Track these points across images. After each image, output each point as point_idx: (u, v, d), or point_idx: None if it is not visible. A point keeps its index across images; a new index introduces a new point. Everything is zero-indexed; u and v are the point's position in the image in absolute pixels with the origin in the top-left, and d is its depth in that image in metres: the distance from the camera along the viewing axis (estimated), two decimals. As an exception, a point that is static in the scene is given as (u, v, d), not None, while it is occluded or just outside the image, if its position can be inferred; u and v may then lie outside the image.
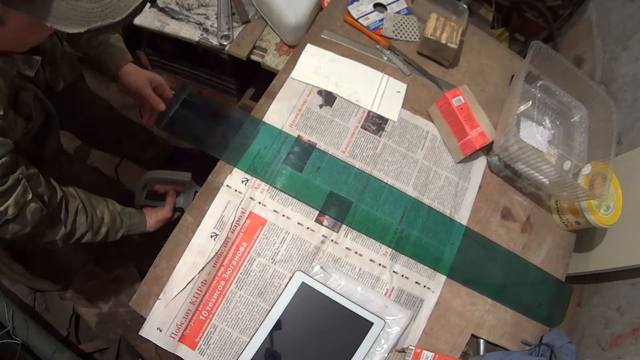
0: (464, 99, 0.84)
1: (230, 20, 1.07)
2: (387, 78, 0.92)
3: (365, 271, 0.77)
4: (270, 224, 0.77)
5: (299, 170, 0.81)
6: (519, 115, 0.92)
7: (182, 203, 0.89)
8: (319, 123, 0.86)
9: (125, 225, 0.79)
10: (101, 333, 1.26)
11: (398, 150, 0.86)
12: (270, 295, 0.74)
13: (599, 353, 0.80)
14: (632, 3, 1.14)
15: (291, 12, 0.98)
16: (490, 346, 0.79)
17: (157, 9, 1.09)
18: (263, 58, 1.05)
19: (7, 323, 1.04)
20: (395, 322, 0.73)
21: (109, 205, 0.77)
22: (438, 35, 0.90)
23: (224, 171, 0.80)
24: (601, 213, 0.81)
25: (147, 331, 0.70)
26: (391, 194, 0.82)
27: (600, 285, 0.91)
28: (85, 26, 0.42)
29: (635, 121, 0.97)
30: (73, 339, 1.29)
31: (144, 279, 0.73)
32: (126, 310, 1.25)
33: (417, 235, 0.80)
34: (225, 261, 0.74)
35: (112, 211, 0.77)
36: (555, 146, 0.92)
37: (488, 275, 0.82)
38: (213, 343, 0.71)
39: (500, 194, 0.88)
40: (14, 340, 1.03)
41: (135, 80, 0.80)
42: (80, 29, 0.42)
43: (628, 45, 1.10)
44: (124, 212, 0.80)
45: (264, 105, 0.86)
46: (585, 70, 1.26)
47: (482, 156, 0.90)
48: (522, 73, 0.84)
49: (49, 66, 0.70)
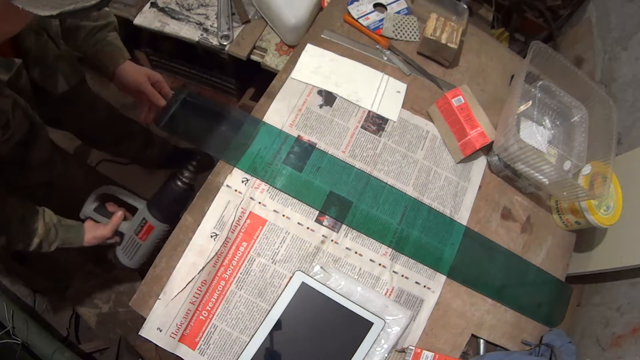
0: (464, 99, 0.84)
1: (230, 20, 1.07)
2: (387, 78, 0.92)
3: (365, 271, 0.77)
4: (270, 224, 0.77)
5: (299, 170, 0.81)
6: (519, 115, 0.92)
7: (125, 229, 0.84)
8: (319, 123, 0.86)
9: (60, 238, 0.76)
10: (101, 333, 1.26)
11: (398, 150, 0.86)
12: (270, 295, 0.74)
13: (599, 353, 0.80)
14: (632, 3, 1.14)
15: (291, 12, 0.98)
16: (490, 346, 0.79)
17: (157, 9, 1.09)
18: (263, 58, 1.05)
19: (7, 323, 1.04)
20: (395, 322, 0.73)
21: (45, 216, 0.74)
22: (438, 35, 0.90)
23: (224, 171, 0.80)
24: (601, 213, 0.81)
25: (147, 331, 0.70)
26: (391, 194, 0.82)
27: (600, 285, 0.91)
28: (57, 9, 0.40)
29: (635, 121, 0.97)
30: (73, 339, 1.29)
31: (144, 279, 0.73)
32: (126, 310, 1.25)
33: (417, 235, 0.80)
34: (225, 261, 0.74)
35: (47, 223, 0.74)
36: (555, 146, 0.92)
37: (488, 275, 0.82)
38: (213, 343, 0.71)
39: (500, 194, 0.88)
40: (14, 340, 1.03)
41: (133, 77, 0.80)
42: (53, 12, 0.40)
43: (628, 45, 1.10)
44: (60, 224, 0.77)
45: (264, 105, 0.86)
46: (585, 70, 1.26)
47: (482, 156, 0.90)
48: (522, 73, 0.84)
49: (39, 68, 0.68)
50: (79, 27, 0.76)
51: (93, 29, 0.78)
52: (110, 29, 0.81)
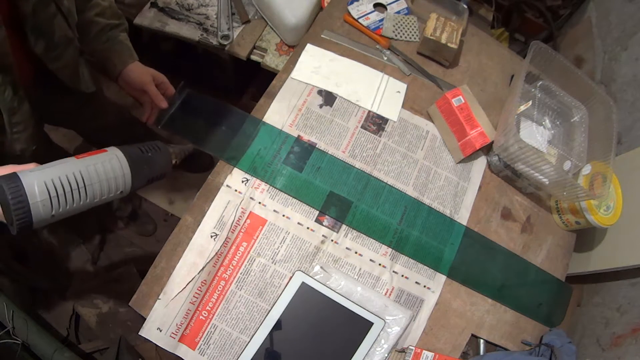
0: (464, 99, 0.84)
1: (230, 20, 1.07)
2: (387, 78, 0.92)
3: (365, 271, 0.77)
4: (270, 224, 0.77)
5: (299, 170, 0.81)
6: (519, 115, 0.92)
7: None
8: (319, 123, 0.86)
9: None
10: (101, 333, 1.26)
11: (398, 150, 0.86)
12: (270, 295, 0.74)
13: (599, 353, 0.80)
14: (632, 3, 1.14)
15: (291, 12, 0.98)
16: (490, 346, 0.79)
17: (157, 9, 1.09)
18: (263, 58, 1.05)
19: (7, 323, 1.04)
20: (395, 322, 0.73)
21: None
22: (438, 35, 0.90)
23: (224, 171, 0.80)
24: (601, 213, 0.81)
25: (147, 331, 0.70)
26: (391, 194, 0.82)
27: (600, 285, 0.91)
28: None
29: (635, 121, 0.97)
30: (73, 339, 1.29)
31: (144, 279, 0.73)
32: (126, 310, 1.25)
33: (417, 235, 0.80)
34: (225, 261, 0.74)
35: None
36: (555, 146, 0.92)
37: (488, 275, 0.82)
38: (213, 343, 0.71)
39: (500, 194, 0.88)
40: (14, 340, 1.03)
41: (139, 76, 0.80)
42: None
43: (628, 45, 1.10)
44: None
45: (264, 105, 0.86)
46: (585, 70, 1.26)
47: (482, 156, 0.90)
48: (522, 73, 0.84)
49: (44, 42, 0.65)
50: (92, 22, 0.77)
51: (106, 27, 0.78)
52: (122, 29, 0.82)
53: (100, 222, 1.44)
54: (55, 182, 0.50)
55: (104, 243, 1.42)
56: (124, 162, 0.57)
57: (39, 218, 0.50)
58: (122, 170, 0.57)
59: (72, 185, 0.52)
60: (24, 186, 0.48)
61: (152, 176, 0.62)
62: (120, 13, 0.82)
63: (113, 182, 0.56)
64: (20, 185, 0.48)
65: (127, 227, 1.45)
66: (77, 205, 0.53)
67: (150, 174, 0.62)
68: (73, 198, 0.52)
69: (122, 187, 0.57)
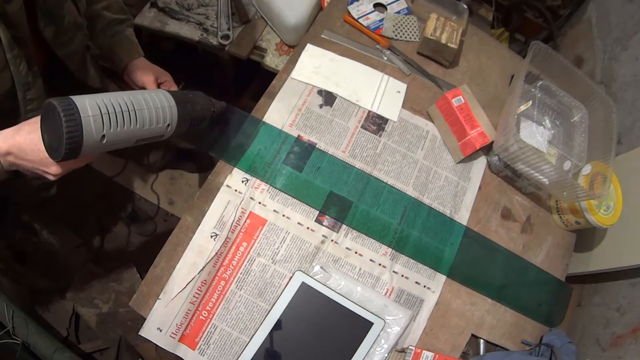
0: (464, 99, 0.84)
1: (230, 20, 1.07)
2: (387, 78, 0.92)
3: (365, 271, 0.77)
4: (270, 224, 0.77)
5: (299, 170, 0.81)
6: (519, 115, 0.92)
7: None
8: (319, 123, 0.86)
9: None
10: (101, 333, 1.26)
11: (398, 150, 0.86)
12: (270, 295, 0.74)
13: (599, 353, 0.80)
14: (632, 3, 1.14)
15: (291, 12, 0.98)
16: (490, 346, 0.79)
17: (157, 9, 1.09)
18: (263, 58, 1.05)
19: (7, 323, 1.04)
20: (395, 322, 0.73)
21: None
22: (438, 35, 0.90)
23: (224, 171, 0.80)
24: (601, 213, 0.81)
25: (147, 331, 0.70)
26: (391, 194, 0.82)
27: (600, 285, 0.91)
28: None
29: (635, 121, 0.97)
30: (73, 339, 1.29)
31: (144, 279, 0.73)
32: (126, 310, 1.25)
33: (417, 235, 0.80)
34: (225, 261, 0.74)
35: None
36: (555, 146, 0.92)
37: (488, 275, 0.82)
38: (213, 343, 0.71)
39: (500, 194, 0.88)
40: (14, 340, 1.03)
41: (143, 73, 0.80)
42: None
43: (628, 45, 1.10)
44: None
45: (264, 105, 0.86)
46: (585, 70, 1.26)
47: (482, 156, 0.90)
48: (522, 73, 0.84)
49: (53, 27, 0.65)
50: (100, 15, 0.77)
51: (112, 21, 0.79)
52: (128, 24, 0.83)
53: (100, 222, 1.44)
54: (106, 102, 0.51)
55: (103, 243, 1.42)
56: (169, 97, 0.61)
57: (89, 136, 0.49)
58: (168, 102, 0.60)
59: (122, 107, 0.53)
60: (75, 103, 0.48)
61: (195, 115, 0.66)
62: (126, 9, 0.83)
63: (160, 111, 0.59)
64: (71, 101, 0.48)
65: (127, 227, 1.45)
66: (127, 129, 0.54)
67: (193, 113, 0.66)
68: (124, 119, 0.53)
69: (169, 120, 0.60)
